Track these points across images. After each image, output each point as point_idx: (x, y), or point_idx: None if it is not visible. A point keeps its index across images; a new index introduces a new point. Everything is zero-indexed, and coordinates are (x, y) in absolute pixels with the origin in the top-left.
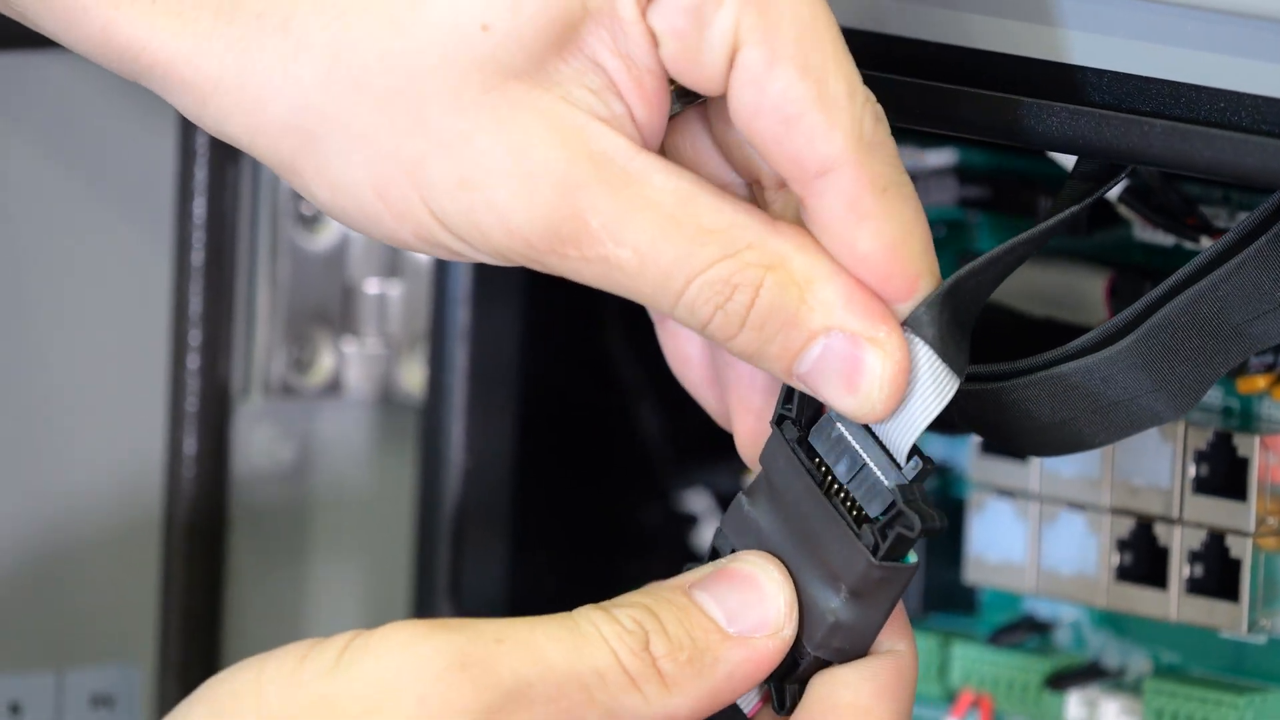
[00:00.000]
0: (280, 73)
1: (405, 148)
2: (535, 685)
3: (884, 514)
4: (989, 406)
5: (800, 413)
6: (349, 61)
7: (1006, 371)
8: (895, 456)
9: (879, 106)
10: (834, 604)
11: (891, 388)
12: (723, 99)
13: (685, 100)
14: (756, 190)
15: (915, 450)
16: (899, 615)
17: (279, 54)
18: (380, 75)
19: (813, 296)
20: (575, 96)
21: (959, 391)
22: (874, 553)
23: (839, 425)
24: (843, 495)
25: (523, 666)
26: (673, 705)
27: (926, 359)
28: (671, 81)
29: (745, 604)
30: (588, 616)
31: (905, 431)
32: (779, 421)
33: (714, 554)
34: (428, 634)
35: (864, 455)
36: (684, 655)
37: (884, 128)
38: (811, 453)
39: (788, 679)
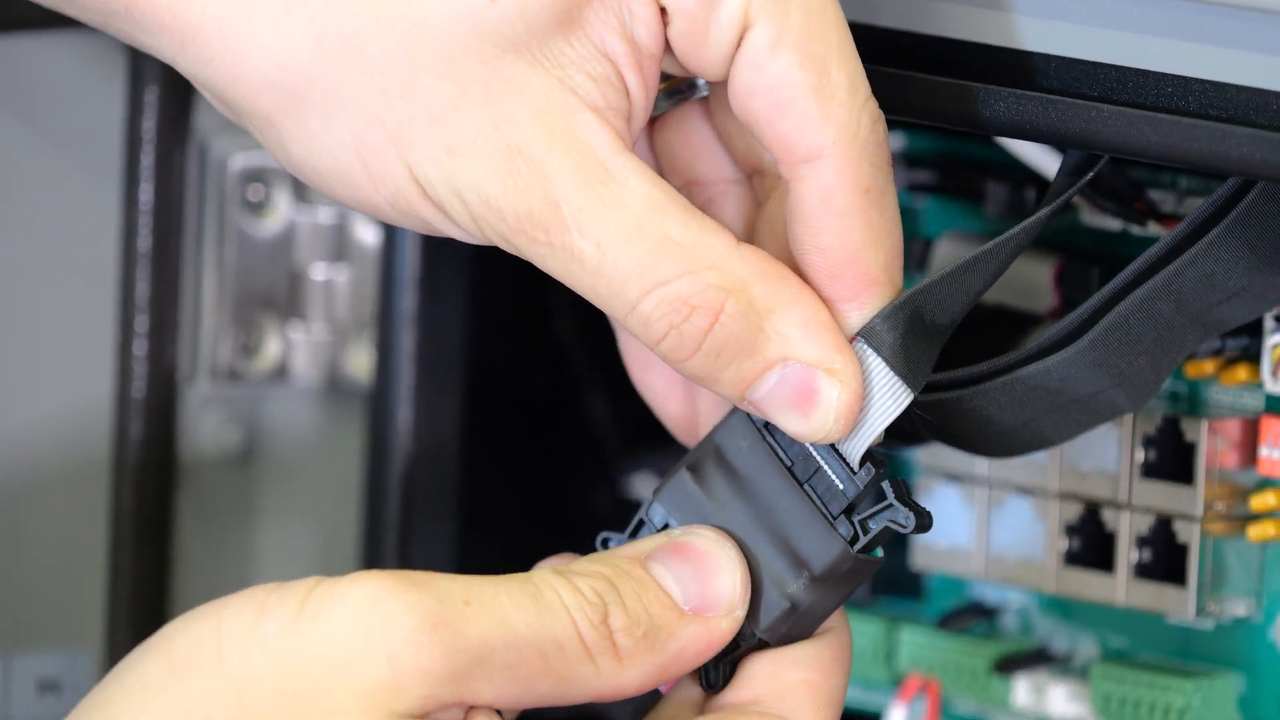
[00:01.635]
0: (270, 27)
1: (393, 112)
2: (498, 651)
3: (843, 513)
4: (949, 414)
5: None
6: (344, 22)
7: (964, 379)
8: (849, 462)
9: (879, 109)
10: (792, 589)
11: (847, 415)
12: (723, 86)
13: (674, 99)
14: (756, 181)
15: (868, 456)
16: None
17: (270, 8)
18: (376, 39)
19: (771, 326)
20: (574, 81)
21: (917, 401)
22: (852, 544)
23: None
24: (808, 486)
25: (489, 631)
26: (623, 679)
27: (880, 371)
28: (662, 80)
29: (701, 582)
30: (550, 583)
31: (858, 440)
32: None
33: (640, 525)
34: (396, 590)
35: (819, 458)
36: (640, 631)
37: (880, 131)
38: (775, 440)
39: (723, 658)
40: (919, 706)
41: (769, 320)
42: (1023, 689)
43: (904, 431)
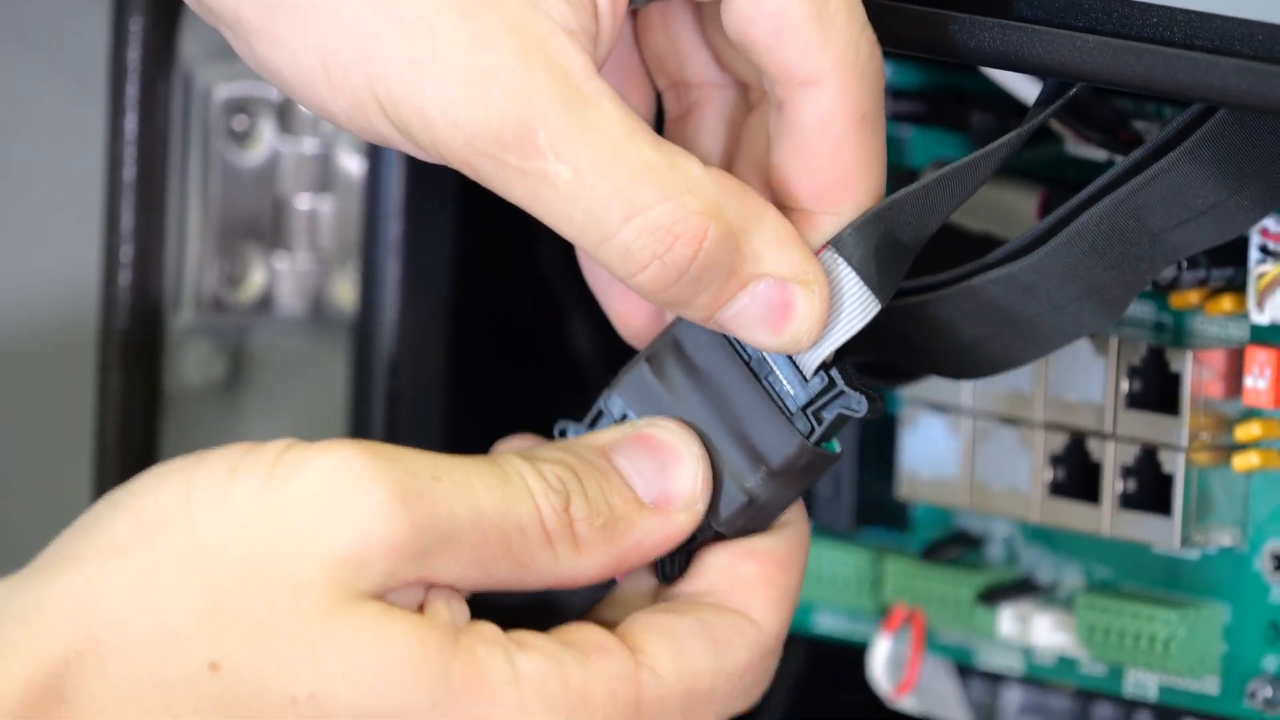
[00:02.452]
0: None
1: (362, 20)
2: (465, 530)
3: (800, 409)
4: (910, 324)
5: None
6: None
7: (926, 284)
8: (803, 370)
9: (875, 36)
10: (750, 483)
11: (818, 324)
12: (714, 4)
13: None
14: (740, 92)
15: (823, 366)
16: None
17: None
18: None
19: (747, 246)
20: (548, 3)
21: (881, 310)
22: (808, 436)
23: None
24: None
25: (458, 509)
26: (580, 567)
27: (850, 281)
28: None
29: (662, 474)
30: (515, 466)
31: (821, 347)
32: None
33: (599, 416)
34: (365, 458)
35: (771, 363)
36: (599, 521)
37: (877, 57)
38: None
39: (679, 550)
40: (904, 637)
41: (744, 240)
42: (1008, 619)
43: (893, 368)
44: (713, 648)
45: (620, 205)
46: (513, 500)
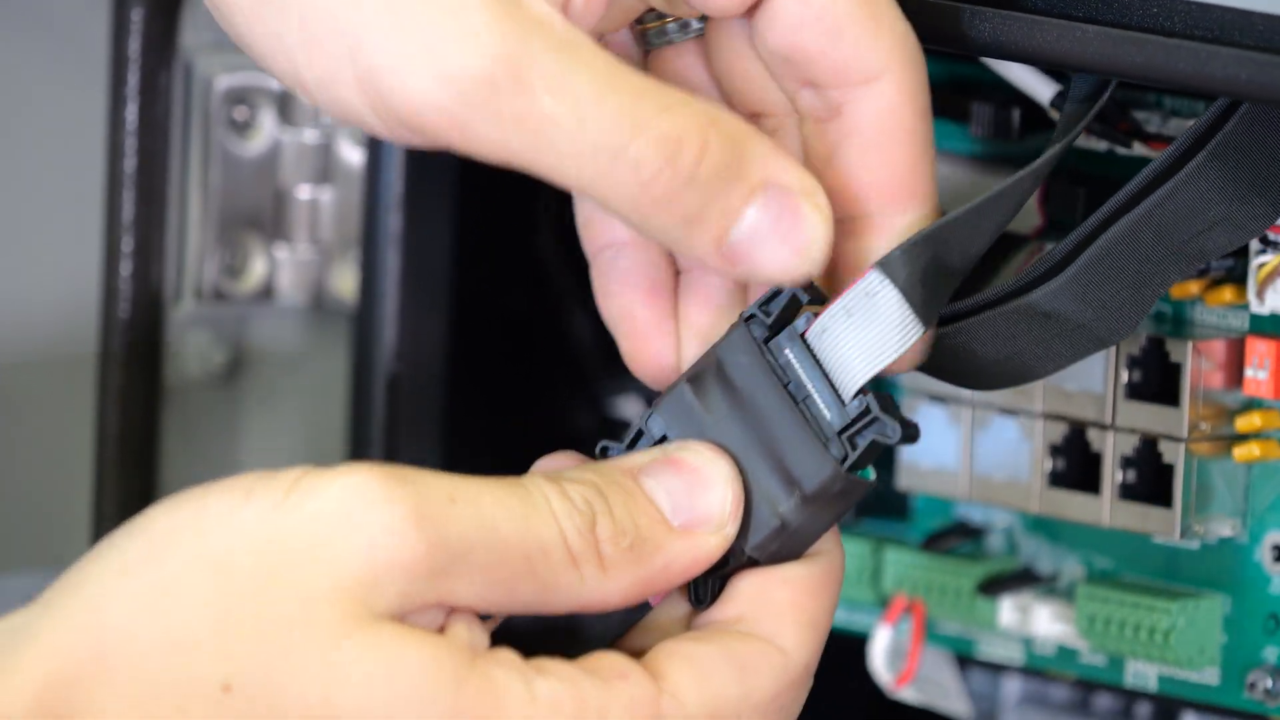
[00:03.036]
0: None
1: None
2: (479, 550)
3: (836, 434)
4: (934, 351)
5: (773, 318)
6: None
7: (946, 315)
8: (841, 394)
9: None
10: (783, 508)
11: (827, 245)
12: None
13: (663, 39)
14: (755, 122)
15: (860, 390)
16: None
17: None
18: None
19: (750, 150)
20: None
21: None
22: (842, 462)
23: (788, 351)
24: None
25: (471, 529)
26: (606, 589)
27: (894, 303)
28: (652, 19)
29: (691, 496)
30: (539, 487)
31: (859, 371)
32: (748, 319)
33: (638, 436)
34: (381, 480)
35: (809, 386)
36: (626, 542)
37: (922, 51)
38: (773, 358)
39: (712, 574)
40: (904, 627)
41: (746, 144)
42: (1008, 610)
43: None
44: (738, 675)
45: (626, 124)
46: (533, 520)
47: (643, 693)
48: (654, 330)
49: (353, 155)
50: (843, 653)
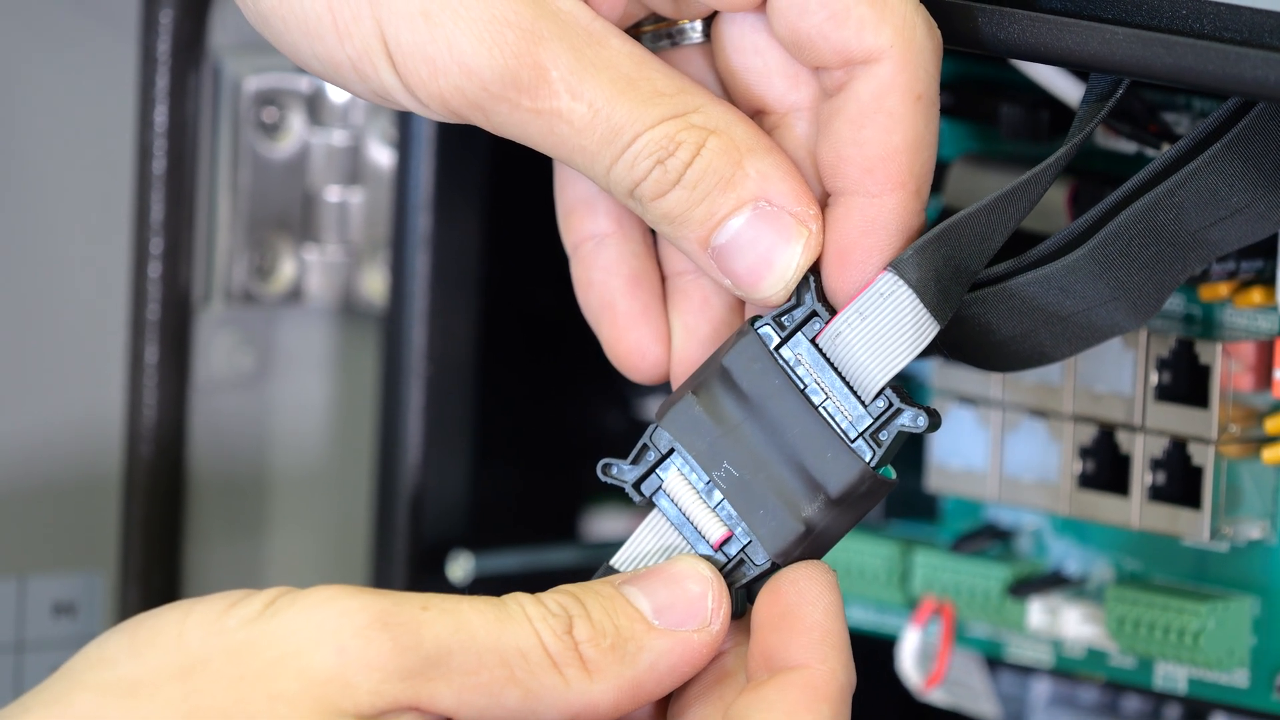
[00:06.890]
0: None
1: None
2: (455, 654)
3: (860, 435)
4: (949, 324)
5: (787, 328)
6: None
7: None
8: (861, 395)
9: (932, 20)
10: (808, 512)
11: (798, 276)
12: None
13: (661, 42)
14: (759, 120)
15: (882, 390)
16: (828, 633)
17: None
18: None
19: (750, 165)
20: None
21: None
22: (869, 461)
23: (802, 357)
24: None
25: (445, 634)
26: (594, 692)
27: (908, 303)
28: (651, 23)
29: (673, 597)
30: (515, 598)
31: (878, 372)
32: (758, 326)
33: (643, 451)
34: (354, 593)
35: (826, 389)
36: (606, 642)
37: (936, 38)
38: (787, 362)
39: (734, 586)
40: (933, 629)
41: (749, 158)
42: (1037, 612)
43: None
44: None
45: (633, 125)
46: (508, 624)
47: None
48: (634, 322)
49: (382, 156)
50: (872, 655)
